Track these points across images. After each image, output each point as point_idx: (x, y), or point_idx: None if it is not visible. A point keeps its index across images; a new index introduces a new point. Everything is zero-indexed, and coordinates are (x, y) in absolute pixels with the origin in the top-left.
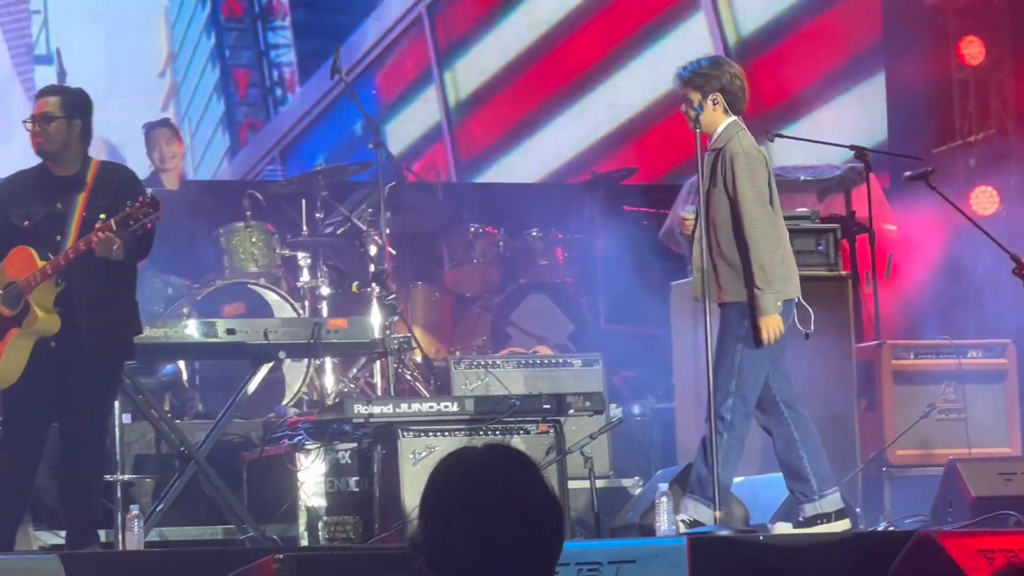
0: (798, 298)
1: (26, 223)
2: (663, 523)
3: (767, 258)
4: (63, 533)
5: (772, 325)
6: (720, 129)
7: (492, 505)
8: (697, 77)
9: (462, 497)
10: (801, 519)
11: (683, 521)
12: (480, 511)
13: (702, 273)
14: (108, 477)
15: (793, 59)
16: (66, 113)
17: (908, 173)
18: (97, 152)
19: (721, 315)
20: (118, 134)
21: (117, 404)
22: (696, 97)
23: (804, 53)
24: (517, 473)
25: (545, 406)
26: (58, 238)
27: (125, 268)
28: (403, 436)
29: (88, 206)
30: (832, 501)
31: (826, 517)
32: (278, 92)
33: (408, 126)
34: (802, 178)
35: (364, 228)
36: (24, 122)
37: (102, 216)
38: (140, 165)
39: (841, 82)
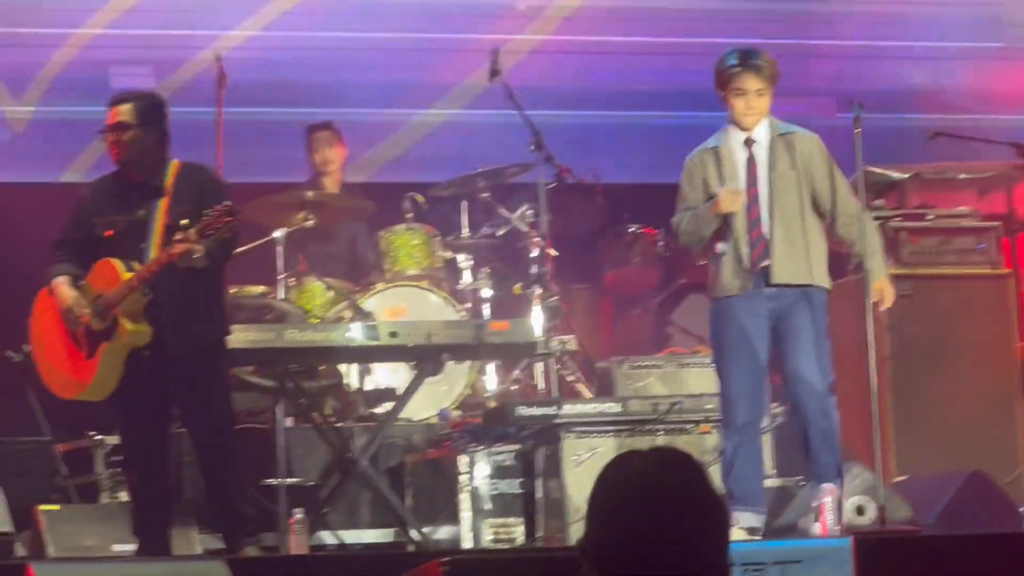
0: None
1: (109, 232)
2: (828, 523)
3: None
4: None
5: (890, 287)
6: (770, 116)
7: (661, 507)
8: (775, 69)
9: (631, 500)
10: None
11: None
12: (649, 513)
13: (786, 253)
14: (271, 481)
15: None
16: (140, 121)
17: None
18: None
19: (805, 301)
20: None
21: (279, 408)
22: (771, 91)
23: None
24: (684, 475)
25: (707, 406)
26: (142, 246)
27: (210, 273)
28: (566, 437)
29: (170, 212)
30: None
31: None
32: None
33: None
34: (962, 176)
35: (525, 230)
36: (99, 132)
37: (183, 222)
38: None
39: (996, 74)
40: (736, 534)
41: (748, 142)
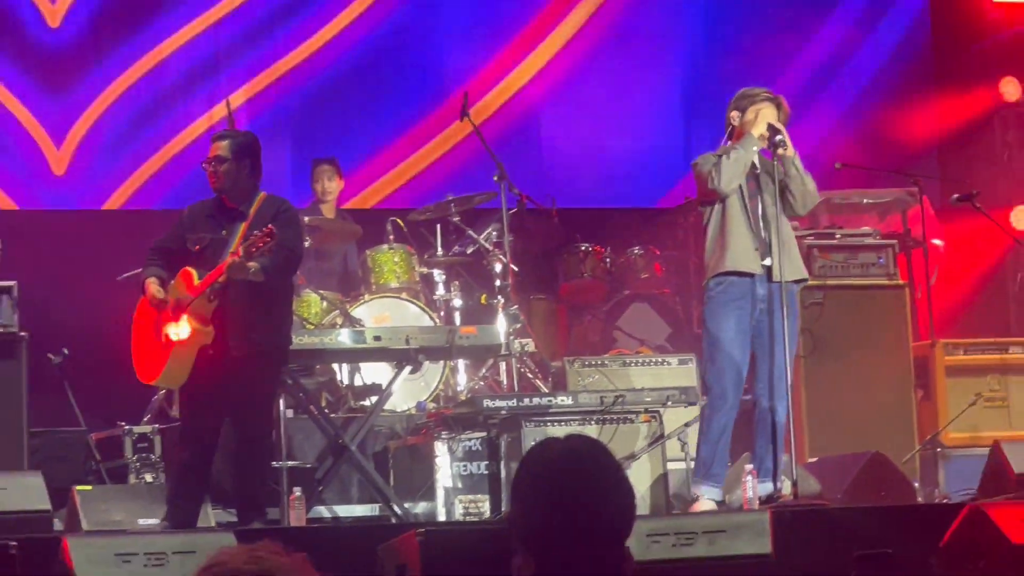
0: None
1: (197, 247)
2: (749, 497)
3: None
4: (235, 512)
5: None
6: None
7: (575, 487)
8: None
9: (544, 480)
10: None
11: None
12: (558, 491)
13: (783, 251)
14: (275, 464)
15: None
16: (234, 155)
17: (956, 195)
18: None
19: (792, 301)
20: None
21: (281, 401)
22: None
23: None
24: (592, 458)
25: (647, 399)
26: (219, 261)
27: (272, 287)
28: (526, 426)
29: (246, 234)
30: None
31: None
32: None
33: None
34: (865, 201)
35: (490, 249)
36: (202, 164)
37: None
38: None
39: (896, 115)
40: (704, 504)
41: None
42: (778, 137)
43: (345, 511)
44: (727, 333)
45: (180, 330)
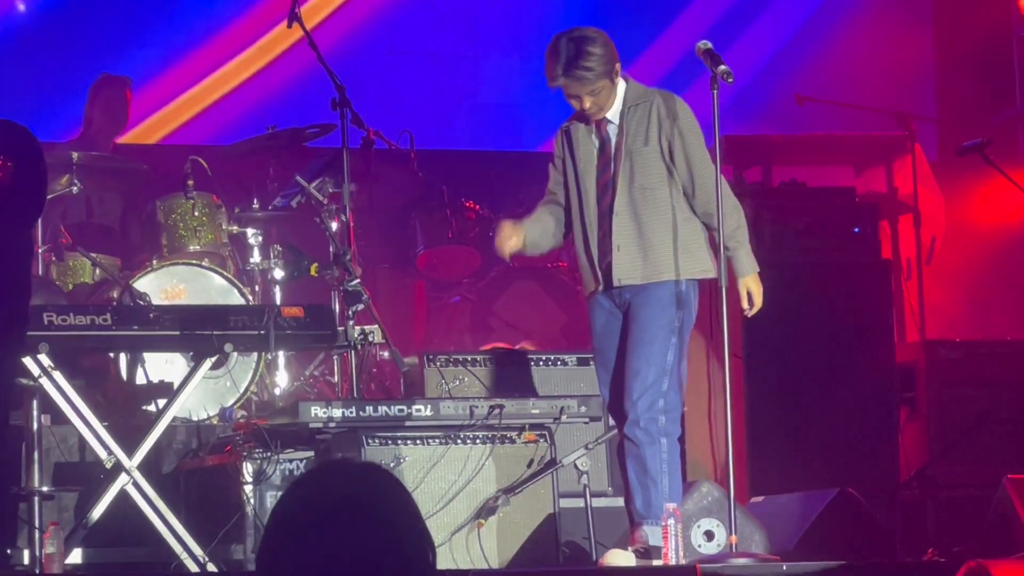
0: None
1: None
2: (670, 549)
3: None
4: None
5: (757, 286)
6: (625, 89)
7: (360, 532)
8: (604, 65)
9: (327, 519)
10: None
11: (636, 552)
12: (327, 532)
13: (630, 251)
14: (21, 489)
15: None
16: None
17: (962, 145)
18: None
19: (641, 298)
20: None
21: (35, 404)
22: (605, 85)
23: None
24: (389, 498)
25: (533, 411)
26: None
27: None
28: (368, 444)
29: None
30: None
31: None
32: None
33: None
34: (835, 149)
35: (324, 201)
36: None
37: None
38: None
39: (881, 38)
40: (617, 557)
41: (602, 122)
42: (721, 68)
43: (119, 555)
44: (595, 336)
45: None
